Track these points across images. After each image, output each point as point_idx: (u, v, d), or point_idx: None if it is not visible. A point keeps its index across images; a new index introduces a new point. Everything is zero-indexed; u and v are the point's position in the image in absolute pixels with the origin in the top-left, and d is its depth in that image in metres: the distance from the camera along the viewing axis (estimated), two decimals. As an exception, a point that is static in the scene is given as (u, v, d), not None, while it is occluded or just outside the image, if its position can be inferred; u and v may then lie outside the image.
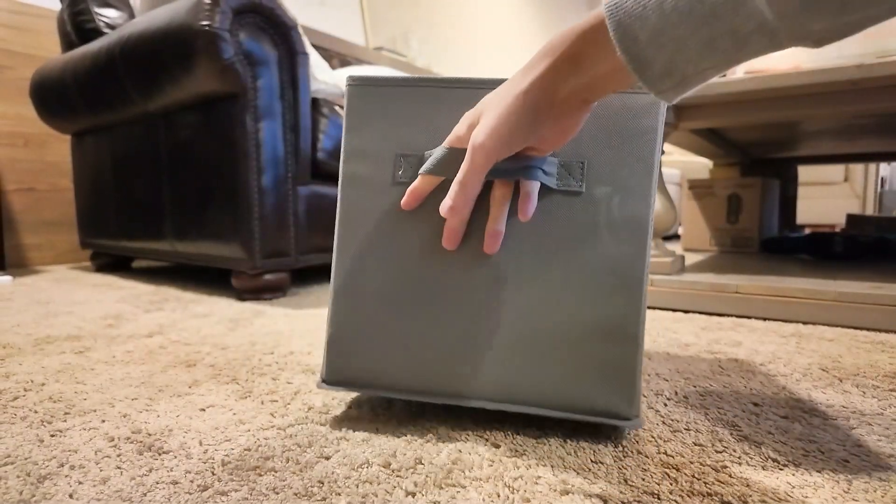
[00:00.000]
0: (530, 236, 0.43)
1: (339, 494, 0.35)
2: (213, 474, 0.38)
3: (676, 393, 0.54)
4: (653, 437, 0.43)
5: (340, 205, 0.46)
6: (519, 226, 0.43)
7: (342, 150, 0.46)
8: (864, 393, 0.54)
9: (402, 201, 0.44)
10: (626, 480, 0.37)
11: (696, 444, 0.42)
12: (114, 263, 1.57)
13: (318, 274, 1.50)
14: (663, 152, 1.09)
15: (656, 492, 0.35)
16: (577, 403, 0.42)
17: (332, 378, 0.46)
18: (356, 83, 0.46)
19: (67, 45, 1.44)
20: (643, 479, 0.37)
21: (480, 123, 0.38)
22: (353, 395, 0.52)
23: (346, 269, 0.45)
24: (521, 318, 0.42)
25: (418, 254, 0.44)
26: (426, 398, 0.44)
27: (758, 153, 1.72)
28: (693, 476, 0.37)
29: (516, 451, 0.41)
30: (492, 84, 0.44)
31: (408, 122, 0.45)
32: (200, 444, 0.42)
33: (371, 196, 0.45)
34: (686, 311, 0.96)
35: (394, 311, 0.44)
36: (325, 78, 1.22)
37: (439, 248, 0.44)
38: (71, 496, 0.35)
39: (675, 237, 2.91)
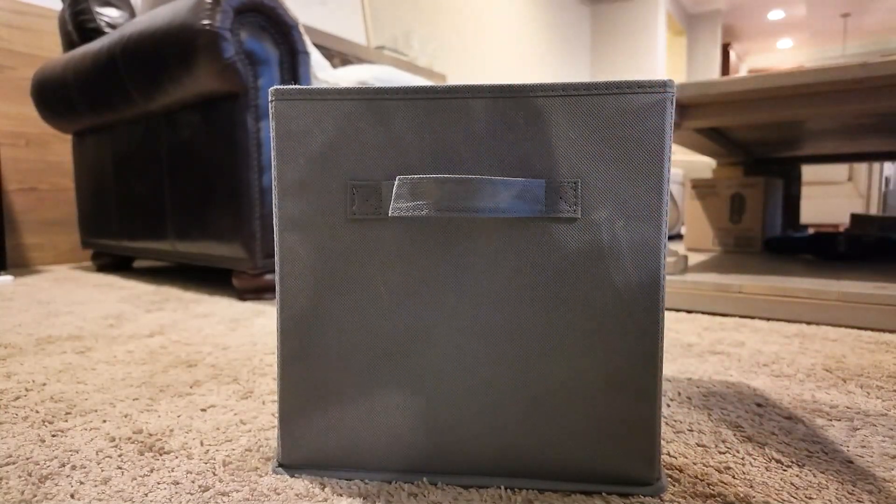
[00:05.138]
0: (520, 274, 0.35)
1: (341, 496, 0.35)
2: (215, 475, 0.37)
3: (679, 394, 0.53)
4: (656, 437, 0.43)
5: (281, 253, 0.37)
6: (505, 262, 0.35)
7: (274, 185, 0.37)
8: (867, 393, 0.53)
9: None
10: (628, 482, 0.36)
11: (699, 445, 0.42)
12: (115, 263, 1.57)
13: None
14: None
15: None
16: (591, 471, 0.36)
17: (291, 460, 0.38)
18: (284, 96, 0.36)
19: (68, 44, 1.44)
20: (646, 481, 0.36)
21: None
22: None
23: (296, 330, 0.37)
24: (516, 375, 0.36)
25: (387, 304, 0.36)
26: (408, 477, 0.37)
27: (761, 152, 1.72)
28: (696, 477, 0.37)
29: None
30: (459, 92, 0.35)
31: (357, 145, 0.36)
32: (202, 444, 0.42)
33: (320, 240, 0.36)
34: (689, 312, 0.96)
35: (361, 375, 0.37)
36: (326, 77, 1.22)
37: (413, 295, 0.36)
38: (72, 496, 0.35)
39: (678, 237, 2.91)
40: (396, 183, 0.34)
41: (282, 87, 0.36)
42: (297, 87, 0.36)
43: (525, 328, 0.35)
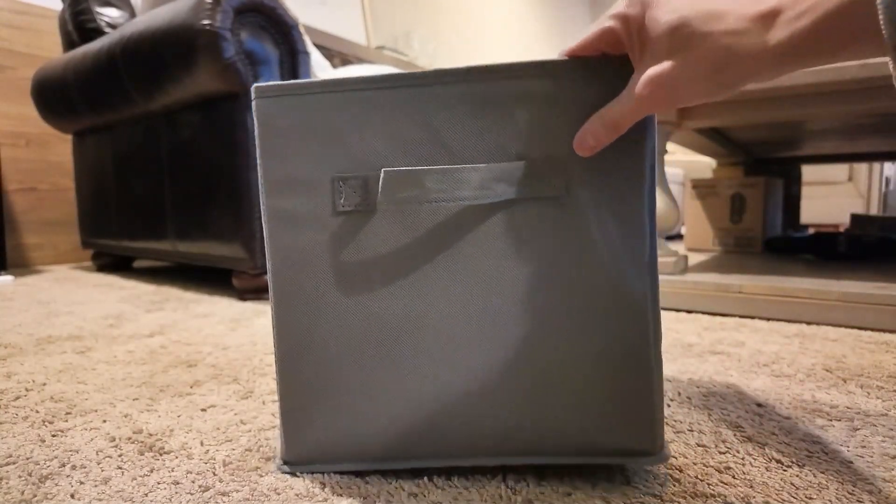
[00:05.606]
0: (509, 257, 0.36)
1: (341, 496, 0.35)
2: (215, 475, 0.37)
3: (679, 394, 0.53)
4: (656, 437, 0.43)
5: (271, 249, 0.37)
6: (494, 245, 0.36)
7: (261, 181, 0.37)
8: (868, 393, 0.53)
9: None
10: (628, 482, 0.36)
11: (699, 445, 0.42)
12: (115, 263, 1.57)
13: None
14: (666, 151, 1.08)
15: (659, 493, 0.35)
16: (591, 445, 0.36)
17: (295, 457, 0.38)
18: (265, 93, 0.36)
19: (69, 44, 1.44)
20: (646, 481, 0.37)
21: (679, 52, 0.29)
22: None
23: (291, 326, 0.37)
24: (511, 355, 0.36)
25: (382, 292, 0.36)
26: (413, 463, 0.37)
27: (761, 152, 1.72)
28: (696, 477, 0.37)
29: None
30: (442, 76, 0.35)
31: (341, 137, 0.36)
32: (202, 444, 0.42)
33: (309, 233, 0.36)
34: (689, 312, 0.96)
35: (360, 365, 0.37)
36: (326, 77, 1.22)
37: (408, 281, 0.36)
38: (72, 496, 0.35)
39: (678, 237, 2.91)
40: (383, 176, 0.34)
41: (262, 84, 0.36)
42: (278, 83, 0.36)
43: (517, 309, 0.36)
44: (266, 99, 0.36)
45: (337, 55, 2.09)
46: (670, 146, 3.05)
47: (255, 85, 0.36)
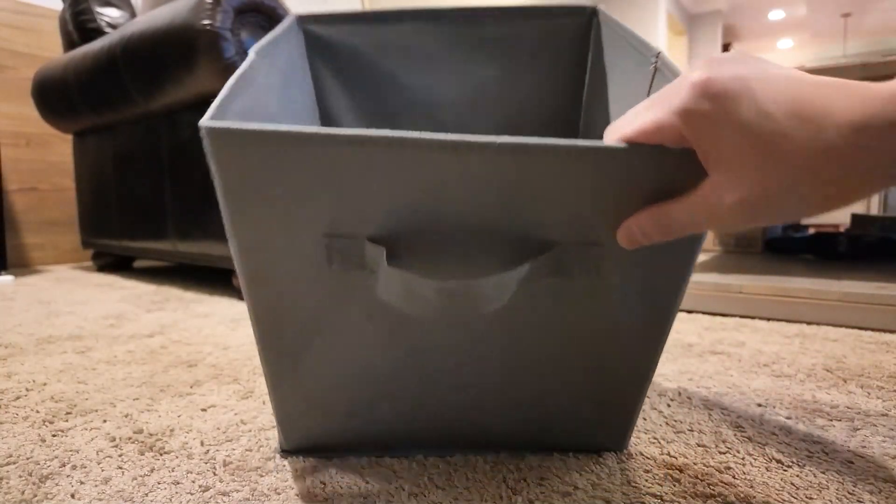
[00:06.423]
0: (523, 321, 0.35)
1: (342, 495, 0.35)
2: (215, 474, 0.37)
3: (680, 394, 0.53)
4: (656, 438, 0.43)
5: (251, 304, 0.33)
6: (507, 310, 0.33)
7: (231, 236, 0.30)
8: (868, 394, 0.53)
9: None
10: (629, 482, 0.36)
11: (699, 445, 0.42)
12: (115, 263, 1.57)
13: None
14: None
15: (659, 493, 0.35)
16: (574, 442, 0.41)
17: (293, 446, 0.40)
18: (222, 138, 0.27)
19: (69, 44, 1.44)
20: (646, 481, 0.37)
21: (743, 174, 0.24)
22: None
23: (279, 359, 0.35)
24: (510, 393, 0.38)
25: (378, 343, 0.35)
26: (406, 451, 0.40)
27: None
28: (696, 477, 0.37)
29: (517, 454, 0.41)
30: (462, 148, 0.27)
31: (333, 197, 0.29)
32: (202, 444, 0.42)
33: (295, 295, 0.33)
34: (690, 312, 0.96)
35: (356, 390, 0.37)
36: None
37: (405, 334, 0.35)
38: (73, 496, 0.35)
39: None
40: (385, 271, 0.30)
41: (214, 123, 0.27)
42: (243, 128, 0.27)
43: (522, 358, 0.37)
44: (223, 144, 0.27)
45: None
46: (670, 146, 3.03)
47: (203, 122, 0.27)
